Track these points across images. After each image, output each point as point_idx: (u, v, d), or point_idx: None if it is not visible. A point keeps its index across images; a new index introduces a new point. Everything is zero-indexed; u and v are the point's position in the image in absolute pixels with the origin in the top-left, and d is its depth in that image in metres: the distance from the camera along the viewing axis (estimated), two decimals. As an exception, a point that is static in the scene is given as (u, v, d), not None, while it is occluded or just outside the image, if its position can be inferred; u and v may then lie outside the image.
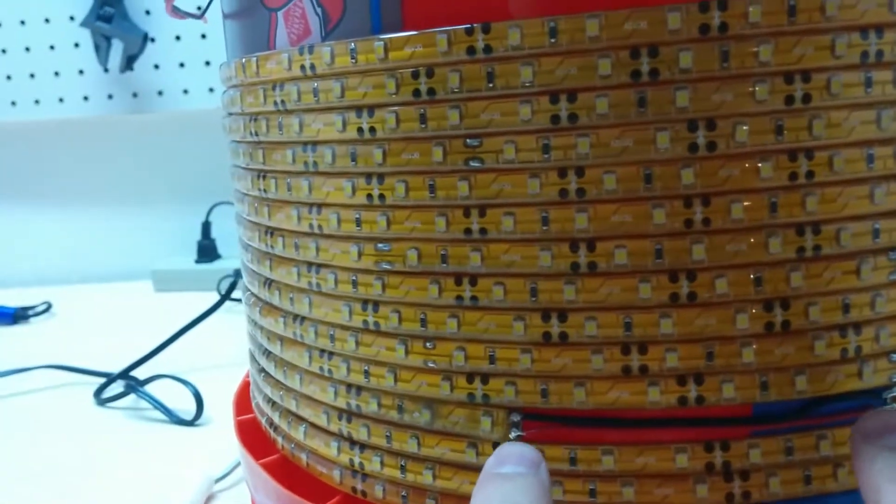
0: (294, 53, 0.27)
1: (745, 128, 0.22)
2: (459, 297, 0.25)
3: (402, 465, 0.27)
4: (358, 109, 0.25)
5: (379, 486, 0.28)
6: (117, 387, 0.60)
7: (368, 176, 0.26)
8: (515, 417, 0.25)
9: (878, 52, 0.22)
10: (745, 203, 0.22)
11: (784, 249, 0.23)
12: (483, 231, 0.24)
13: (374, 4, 0.25)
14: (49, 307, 0.89)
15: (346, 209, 0.26)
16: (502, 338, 0.24)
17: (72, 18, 0.98)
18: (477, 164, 0.24)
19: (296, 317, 0.30)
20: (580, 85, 0.22)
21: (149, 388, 0.58)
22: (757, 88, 0.22)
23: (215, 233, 0.99)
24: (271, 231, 0.30)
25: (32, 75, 1.00)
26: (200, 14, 0.35)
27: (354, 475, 0.29)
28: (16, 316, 0.86)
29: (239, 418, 0.37)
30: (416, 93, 0.24)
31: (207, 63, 0.97)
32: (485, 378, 0.25)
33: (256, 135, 0.30)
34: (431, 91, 0.24)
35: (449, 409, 0.26)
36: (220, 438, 0.50)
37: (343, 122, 0.26)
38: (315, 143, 0.27)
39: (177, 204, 1.04)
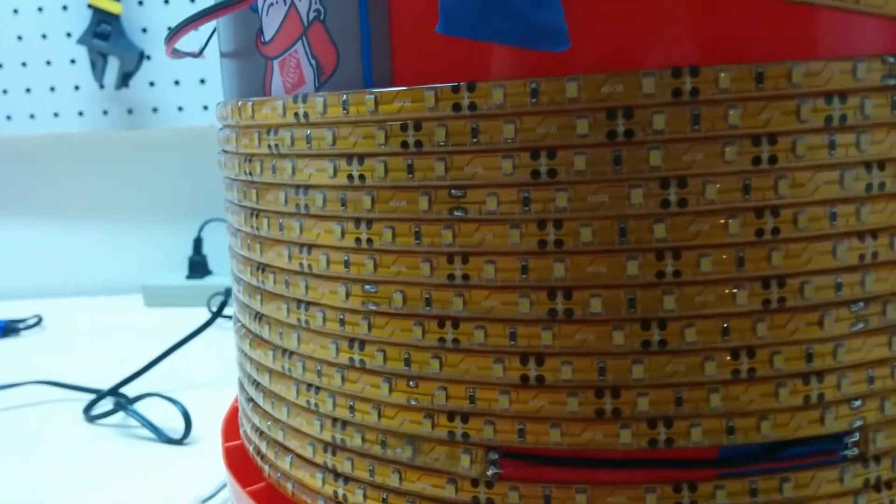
0: (288, 101, 0.28)
1: (714, 186, 0.23)
2: (442, 339, 0.26)
3: (384, 499, 0.28)
4: (349, 157, 0.26)
5: (362, 518, 0.29)
6: (106, 403, 0.60)
7: (357, 221, 0.27)
8: (493, 456, 0.26)
9: (841, 117, 0.24)
10: (714, 257, 0.24)
11: (750, 301, 0.24)
12: (465, 277, 0.25)
13: (366, 59, 0.26)
14: (40, 320, 0.90)
15: (336, 251, 0.27)
16: (482, 379, 0.25)
17: (69, 35, 0.99)
18: (461, 214, 0.25)
19: (284, 351, 0.31)
20: (559, 143, 0.24)
21: (138, 405, 0.59)
22: (726, 149, 0.23)
23: (206, 249, 1.00)
24: (263, 267, 0.31)
25: (28, 90, 1.01)
26: (199, 52, 0.36)
27: (338, 506, 0.29)
28: (6, 329, 0.86)
29: (227, 445, 0.38)
30: (405, 144, 0.25)
31: (202, 81, 0.98)
32: (465, 417, 0.26)
33: (251, 175, 0.31)
34: (419, 143, 0.25)
35: (430, 446, 0.27)
36: (208, 458, 0.51)
37: (334, 168, 0.27)
38: (307, 187, 0.28)
39: (169, 220, 1.05)
